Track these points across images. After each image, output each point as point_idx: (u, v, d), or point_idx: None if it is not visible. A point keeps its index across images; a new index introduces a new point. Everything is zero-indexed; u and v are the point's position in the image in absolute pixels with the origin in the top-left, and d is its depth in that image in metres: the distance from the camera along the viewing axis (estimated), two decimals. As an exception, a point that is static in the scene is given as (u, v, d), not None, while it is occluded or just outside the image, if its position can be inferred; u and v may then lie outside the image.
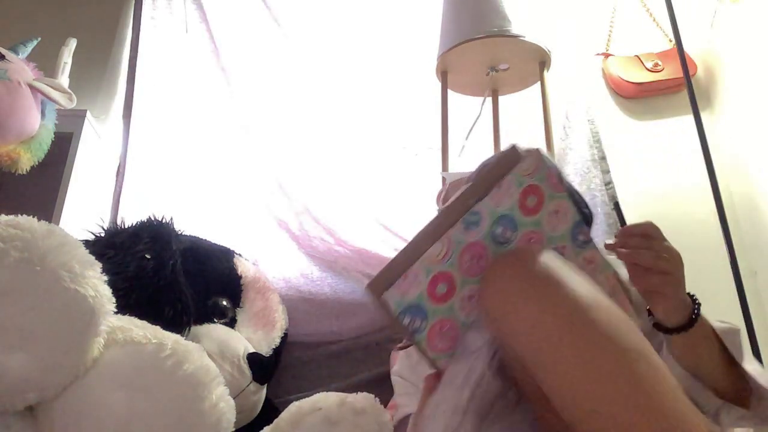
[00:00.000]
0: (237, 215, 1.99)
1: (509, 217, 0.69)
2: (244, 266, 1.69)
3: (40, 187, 1.72)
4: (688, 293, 0.80)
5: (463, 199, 0.67)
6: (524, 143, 0.71)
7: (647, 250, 0.76)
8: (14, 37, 1.68)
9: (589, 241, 0.76)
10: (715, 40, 2.10)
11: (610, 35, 2.21)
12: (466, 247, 0.67)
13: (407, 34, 2.16)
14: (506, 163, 0.69)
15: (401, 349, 1.00)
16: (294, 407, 0.96)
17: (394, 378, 1.05)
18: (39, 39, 1.70)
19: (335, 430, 0.90)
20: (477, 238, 0.67)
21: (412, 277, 0.64)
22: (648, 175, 1.99)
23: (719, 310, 0.96)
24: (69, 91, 1.66)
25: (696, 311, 0.79)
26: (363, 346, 1.80)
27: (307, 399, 0.96)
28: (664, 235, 0.81)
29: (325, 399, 0.94)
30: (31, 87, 1.56)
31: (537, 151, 0.69)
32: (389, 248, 1.91)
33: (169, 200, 1.96)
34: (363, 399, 0.94)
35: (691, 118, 1.70)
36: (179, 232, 1.53)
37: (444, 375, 0.67)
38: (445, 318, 0.67)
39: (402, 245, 2.02)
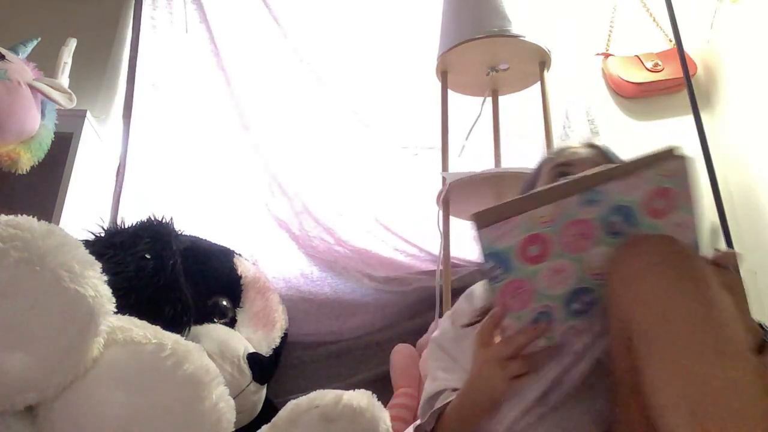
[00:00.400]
0: (237, 215, 1.99)
1: (630, 210, 0.67)
2: (244, 266, 1.69)
3: (40, 187, 1.72)
4: (760, 323, 0.79)
5: (593, 175, 0.67)
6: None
7: None
8: (14, 37, 1.68)
9: None
10: (715, 40, 2.10)
11: (610, 35, 2.21)
12: (575, 221, 0.66)
13: (407, 34, 2.16)
14: (655, 157, 0.67)
15: (467, 326, 0.97)
16: (291, 405, 0.95)
17: (432, 345, 1.02)
18: (39, 39, 1.70)
19: (333, 428, 0.90)
20: (589, 217, 0.66)
21: (510, 226, 0.65)
22: (648, 175, 1.98)
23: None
24: (69, 91, 1.66)
25: (765, 339, 0.77)
26: (363, 346, 1.80)
27: (304, 397, 0.95)
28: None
29: (323, 396, 0.94)
30: (31, 87, 1.55)
31: (688, 159, 0.68)
32: (389, 248, 1.91)
33: (169, 200, 1.96)
34: (360, 396, 0.94)
35: (691, 118, 1.70)
36: (179, 232, 1.53)
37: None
38: (525, 278, 0.67)
39: (402, 245, 2.04)
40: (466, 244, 1.87)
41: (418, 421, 0.92)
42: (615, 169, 0.67)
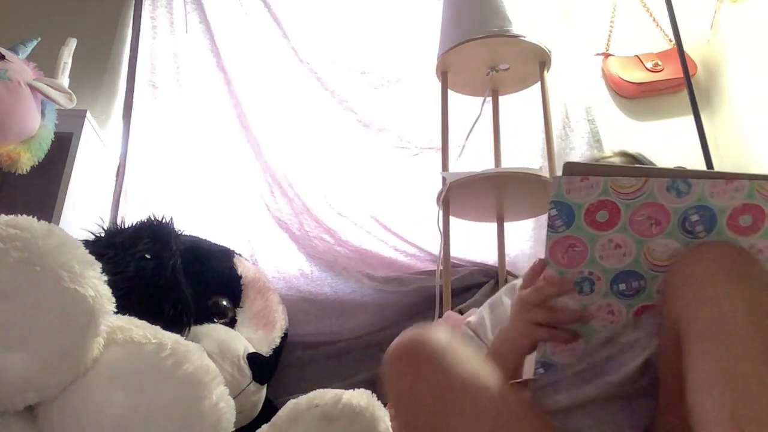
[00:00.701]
0: (237, 215, 1.99)
1: (713, 214, 0.65)
2: (244, 266, 1.69)
3: (40, 187, 1.72)
4: None
5: (691, 171, 0.66)
6: None
7: None
8: (14, 37, 1.68)
9: None
10: (715, 40, 2.10)
11: (610, 35, 2.21)
12: (653, 203, 0.65)
13: (407, 33, 2.16)
14: (763, 175, 0.65)
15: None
16: (291, 404, 0.96)
17: (466, 330, 1.02)
18: (39, 39, 1.70)
19: (332, 427, 0.90)
20: (669, 205, 0.66)
21: (589, 183, 0.65)
22: (648, 175, 1.98)
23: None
24: (69, 91, 1.65)
25: None
26: (363, 346, 1.80)
27: (303, 396, 0.96)
28: None
29: (322, 396, 0.94)
30: (31, 87, 1.55)
31: None
32: (389, 248, 1.91)
33: (169, 200, 1.96)
34: (360, 395, 0.94)
35: (691, 118, 1.69)
36: (179, 232, 1.53)
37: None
38: (582, 239, 0.67)
39: (402, 245, 2.03)
40: (466, 244, 1.87)
41: None
42: (715, 172, 0.66)
